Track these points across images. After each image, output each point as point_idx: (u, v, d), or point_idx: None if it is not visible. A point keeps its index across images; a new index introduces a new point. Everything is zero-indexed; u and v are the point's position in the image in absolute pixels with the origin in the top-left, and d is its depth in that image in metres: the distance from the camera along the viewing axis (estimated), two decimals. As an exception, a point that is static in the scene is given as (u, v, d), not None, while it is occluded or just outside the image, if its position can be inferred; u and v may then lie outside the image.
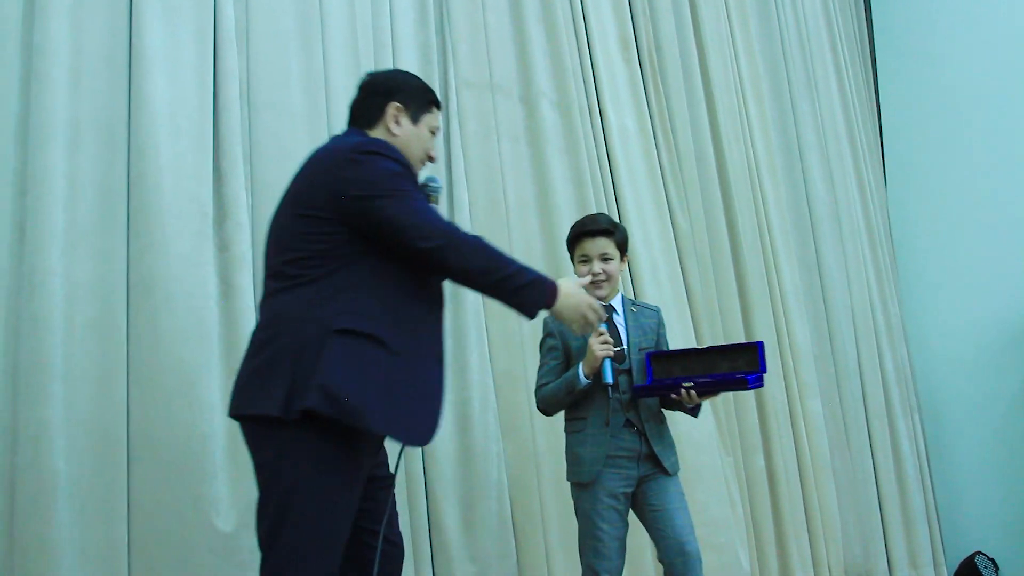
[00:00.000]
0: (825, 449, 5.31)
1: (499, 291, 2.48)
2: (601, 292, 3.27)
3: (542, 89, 4.68)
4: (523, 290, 2.47)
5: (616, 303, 3.42)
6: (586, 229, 3.34)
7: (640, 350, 3.33)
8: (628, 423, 3.25)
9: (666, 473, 3.27)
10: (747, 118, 5.69)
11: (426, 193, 2.68)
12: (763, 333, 5.22)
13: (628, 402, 3.27)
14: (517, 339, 4.19)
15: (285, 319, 2.32)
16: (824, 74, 6.46)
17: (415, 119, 2.66)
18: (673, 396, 3.19)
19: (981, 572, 5.79)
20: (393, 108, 2.61)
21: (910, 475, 5.90)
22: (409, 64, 4.25)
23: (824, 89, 6.40)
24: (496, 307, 4.16)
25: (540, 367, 3.38)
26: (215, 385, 3.29)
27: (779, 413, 5.18)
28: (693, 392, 3.14)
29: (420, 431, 2.37)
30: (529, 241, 4.41)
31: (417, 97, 2.69)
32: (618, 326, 3.36)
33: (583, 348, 3.19)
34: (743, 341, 5.01)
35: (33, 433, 2.92)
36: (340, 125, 3.82)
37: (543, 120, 4.63)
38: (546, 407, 3.34)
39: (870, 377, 5.93)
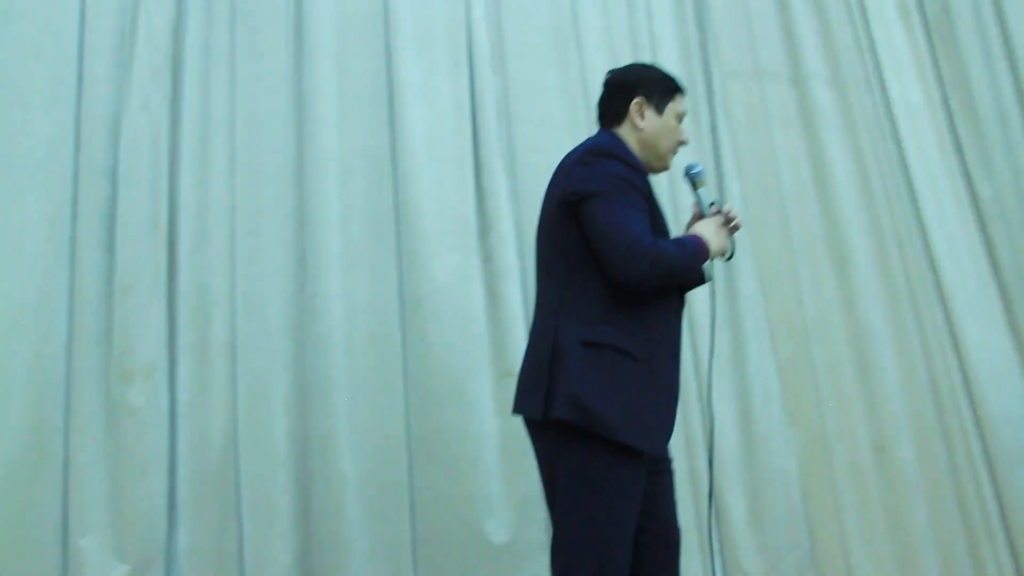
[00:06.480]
0: None
1: (680, 285, 2.54)
2: None
3: (813, 69, 4.56)
4: (693, 273, 2.53)
5: None
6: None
7: None
8: None
9: None
10: (1060, 69, 5.23)
11: (691, 179, 2.69)
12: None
13: None
14: (800, 324, 4.13)
15: (539, 324, 2.43)
16: None
17: (660, 109, 2.63)
18: None
19: None
20: (635, 104, 2.61)
21: None
22: (669, 60, 4.27)
23: None
24: (777, 294, 4.15)
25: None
26: (485, 389, 3.51)
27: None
28: None
29: (656, 439, 2.38)
30: (809, 226, 4.32)
31: (658, 87, 2.66)
32: None
33: None
34: None
35: (321, 442, 3.27)
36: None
37: (816, 101, 4.52)
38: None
39: None
